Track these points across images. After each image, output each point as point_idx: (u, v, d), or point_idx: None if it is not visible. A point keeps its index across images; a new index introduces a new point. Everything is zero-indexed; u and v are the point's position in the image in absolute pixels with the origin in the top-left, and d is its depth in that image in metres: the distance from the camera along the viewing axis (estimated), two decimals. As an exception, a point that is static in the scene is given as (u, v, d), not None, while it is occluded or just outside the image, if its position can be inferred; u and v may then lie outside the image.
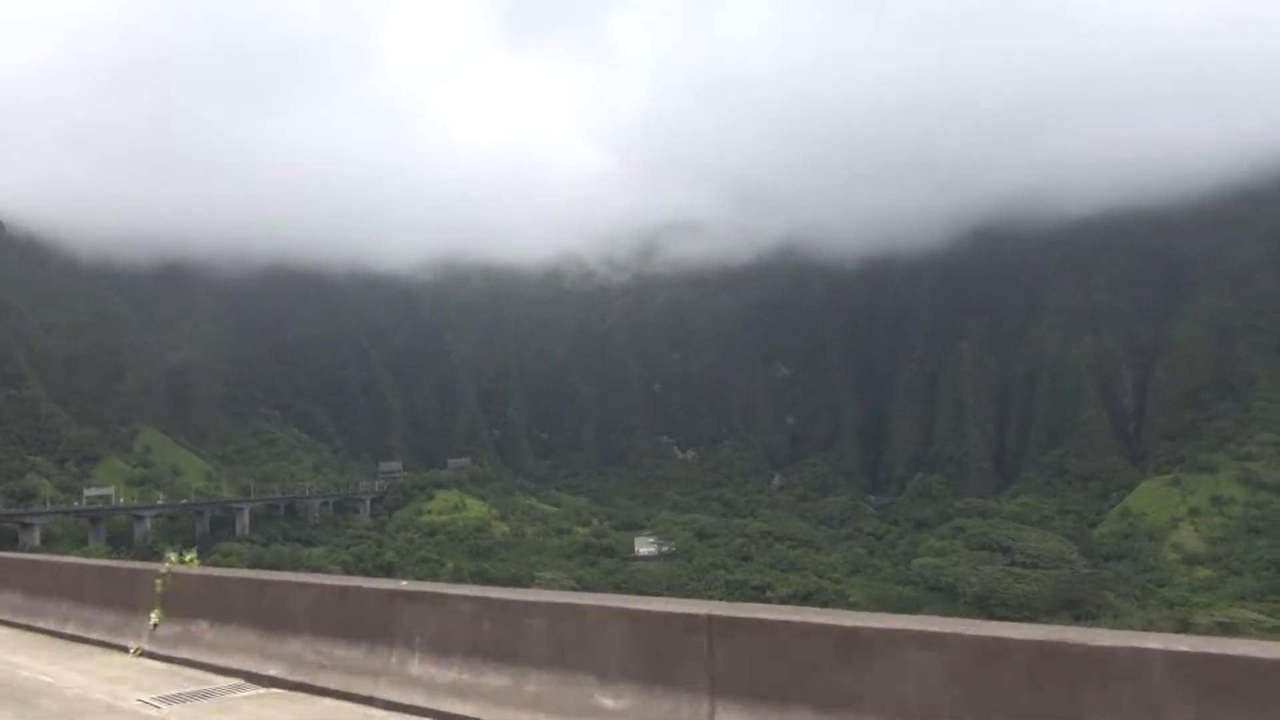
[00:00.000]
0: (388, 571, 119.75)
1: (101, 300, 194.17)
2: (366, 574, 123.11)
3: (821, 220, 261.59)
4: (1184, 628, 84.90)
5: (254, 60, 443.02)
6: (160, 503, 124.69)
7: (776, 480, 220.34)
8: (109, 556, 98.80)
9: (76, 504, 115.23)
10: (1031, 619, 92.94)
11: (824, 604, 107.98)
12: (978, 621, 6.00)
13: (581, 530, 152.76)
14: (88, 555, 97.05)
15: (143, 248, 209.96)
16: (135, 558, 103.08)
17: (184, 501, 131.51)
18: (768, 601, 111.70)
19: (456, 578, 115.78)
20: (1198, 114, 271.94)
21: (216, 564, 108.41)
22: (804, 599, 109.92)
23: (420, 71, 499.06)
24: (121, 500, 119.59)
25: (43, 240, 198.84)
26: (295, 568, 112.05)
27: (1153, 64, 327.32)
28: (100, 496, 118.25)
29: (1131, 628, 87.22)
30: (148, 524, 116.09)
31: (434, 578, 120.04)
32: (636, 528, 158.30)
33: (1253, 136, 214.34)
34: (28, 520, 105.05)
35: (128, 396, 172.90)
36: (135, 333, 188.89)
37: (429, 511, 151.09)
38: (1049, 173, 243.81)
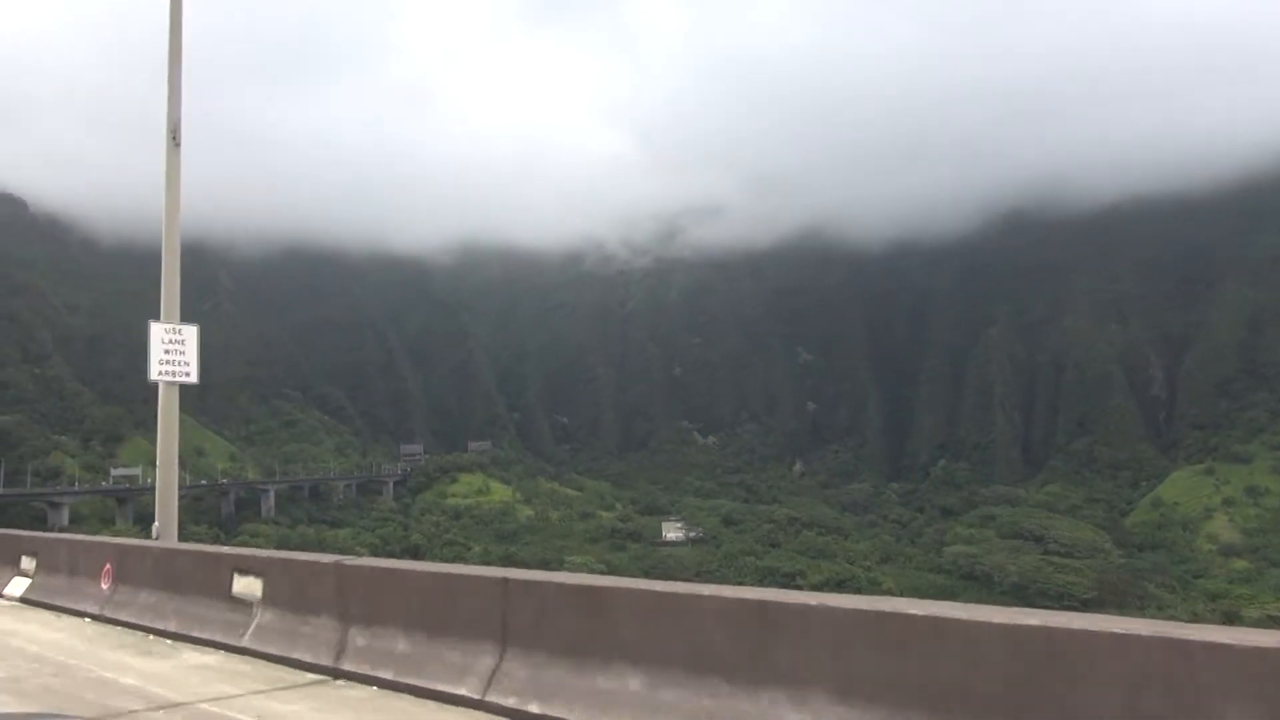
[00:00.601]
0: (414, 554, 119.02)
1: (122, 280, 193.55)
2: (393, 558, 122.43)
3: (844, 205, 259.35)
4: (1230, 621, 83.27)
5: (276, 40, 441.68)
6: (188, 483, 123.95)
7: (798, 467, 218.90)
8: (136, 537, 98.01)
9: (105, 484, 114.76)
10: (1077, 610, 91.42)
11: (857, 592, 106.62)
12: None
13: (606, 515, 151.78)
14: (117, 534, 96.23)
15: (161, 227, 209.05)
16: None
17: (218, 482, 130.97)
18: (799, 589, 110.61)
19: (485, 560, 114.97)
20: (1225, 101, 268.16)
21: (244, 544, 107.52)
22: (837, 586, 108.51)
23: (443, 52, 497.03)
24: (150, 480, 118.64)
25: (63, 220, 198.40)
26: (321, 548, 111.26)
27: (1181, 51, 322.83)
28: (127, 476, 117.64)
29: (1176, 618, 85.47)
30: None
31: (462, 561, 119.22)
32: (661, 513, 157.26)
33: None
34: (56, 500, 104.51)
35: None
36: (155, 312, 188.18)
37: (453, 494, 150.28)
38: (1075, 159, 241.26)
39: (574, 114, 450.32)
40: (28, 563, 13.47)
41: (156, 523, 13.13)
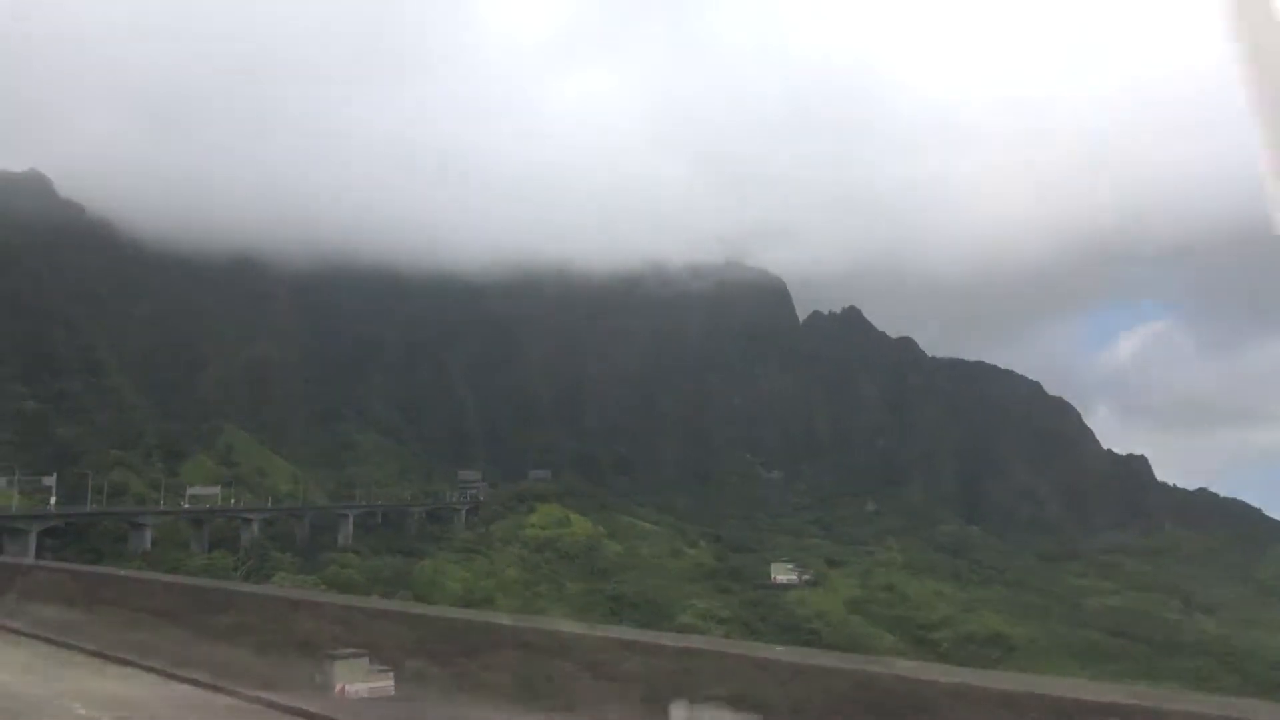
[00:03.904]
0: (506, 592, 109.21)
1: (177, 290, 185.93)
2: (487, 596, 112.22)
3: (919, 232, 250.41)
4: None
5: (338, 48, 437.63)
6: (270, 506, 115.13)
7: (870, 505, 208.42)
8: (238, 568, 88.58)
9: (184, 504, 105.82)
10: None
11: (1011, 650, 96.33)
12: None
13: (691, 551, 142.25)
14: (215, 573, 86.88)
15: (214, 237, 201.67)
16: (251, 577, 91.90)
17: (298, 506, 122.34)
18: (937, 643, 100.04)
19: (589, 602, 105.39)
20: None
21: (334, 577, 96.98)
22: (984, 642, 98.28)
23: (509, 66, 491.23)
24: (234, 501, 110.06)
25: (118, 227, 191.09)
26: (411, 584, 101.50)
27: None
28: (204, 496, 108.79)
29: None
30: (255, 528, 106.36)
31: (558, 603, 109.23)
32: (747, 550, 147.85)
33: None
34: (139, 521, 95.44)
35: (207, 391, 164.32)
36: (211, 324, 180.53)
37: (531, 525, 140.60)
38: (1156, 193, 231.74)
39: (642, 130, 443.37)
40: None
41: None
